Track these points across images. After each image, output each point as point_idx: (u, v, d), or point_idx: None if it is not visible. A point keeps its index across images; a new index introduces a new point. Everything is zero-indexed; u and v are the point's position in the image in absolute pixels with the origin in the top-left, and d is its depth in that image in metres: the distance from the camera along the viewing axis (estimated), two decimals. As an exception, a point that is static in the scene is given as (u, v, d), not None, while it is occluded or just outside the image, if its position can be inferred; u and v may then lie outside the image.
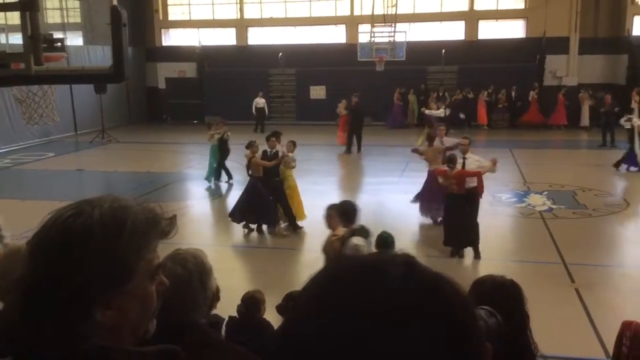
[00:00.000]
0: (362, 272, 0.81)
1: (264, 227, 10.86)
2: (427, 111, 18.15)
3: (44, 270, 1.09)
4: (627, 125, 15.54)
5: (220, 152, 14.48)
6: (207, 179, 14.67)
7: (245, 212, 10.65)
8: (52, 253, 1.10)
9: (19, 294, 1.10)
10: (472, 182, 9.19)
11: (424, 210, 11.20)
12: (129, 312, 1.15)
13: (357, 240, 5.93)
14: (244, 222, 10.74)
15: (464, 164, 9.22)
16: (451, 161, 9.16)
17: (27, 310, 1.08)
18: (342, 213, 6.33)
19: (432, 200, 10.72)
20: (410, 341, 0.74)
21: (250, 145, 10.92)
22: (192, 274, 1.97)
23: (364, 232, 6.13)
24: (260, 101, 24.13)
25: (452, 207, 9.23)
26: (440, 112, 16.91)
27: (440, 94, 24.34)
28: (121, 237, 1.12)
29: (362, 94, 20.23)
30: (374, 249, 6.03)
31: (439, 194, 10.02)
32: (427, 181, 11.08)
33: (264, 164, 10.67)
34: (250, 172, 10.90)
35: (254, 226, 10.82)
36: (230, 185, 14.65)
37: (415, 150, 11.83)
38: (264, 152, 10.84)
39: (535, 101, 24.01)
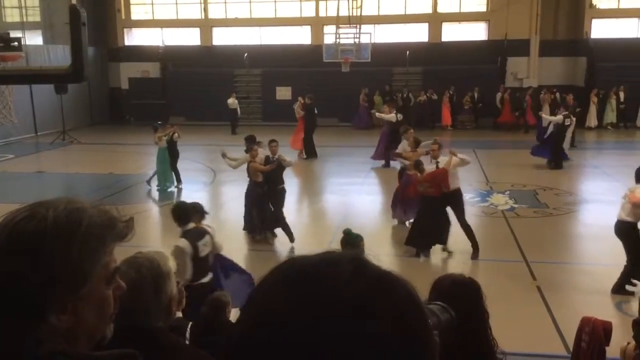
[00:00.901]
0: (311, 272, 0.81)
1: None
2: (377, 114, 17.82)
3: None
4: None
5: (171, 154, 13.94)
6: (162, 186, 13.97)
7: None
8: (3, 256, 1.08)
9: None
10: (453, 185, 9.30)
11: (396, 211, 11.04)
12: (85, 317, 1.13)
13: (180, 242, 6.00)
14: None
15: (437, 167, 9.31)
16: (418, 166, 9.27)
17: None
18: (174, 215, 6.35)
19: (405, 202, 10.64)
20: (359, 339, 0.75)
21: (249, 149, 10.46)
22: (145, 278, 1.95)
23: (194, 234, 6.15)
24: (232, 102, 23.94)
25: (426, 209, 9.29)
26: (392, 116, 16.59)
27: (397, 96, 24.48)
28: (75, 240, 1.10)
29: (329, 94, 20.24)
30: (204, 251, 6.08)
31: (414, 197, 10.04)
32: (403, 184, 10.94)
33: (261, 169, 10.21)
34: (249, 176, 10.46)
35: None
36: (179, 190, 14.23)
37: (398, 155, 11.61)
38: (267, 157, 10.36)
39: (508, 102, 24.44)
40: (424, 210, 9.34)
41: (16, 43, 3.46)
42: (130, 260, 1.98)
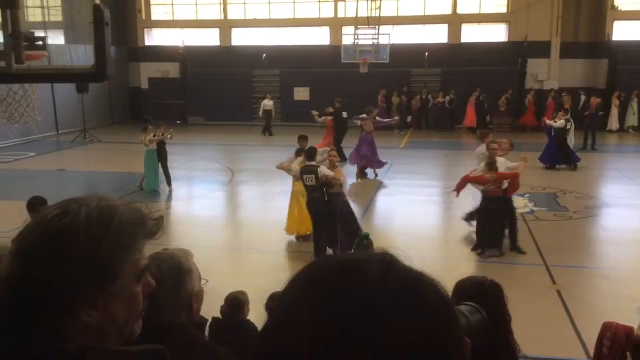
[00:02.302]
0: (341, 271, 0.81)
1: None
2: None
3: (28, 269, 1.08)
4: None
5: (162, 155, 13.68)
6: (150, 187, 13.59)
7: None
8: (36, 252, 1.09)
9: (3, 293, 1.08)
10: (504, 184, 9.38)
11: None
12: (114, 313, 1.14)
13: None
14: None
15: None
16: (491, 166, 9.23)
17: (11, 309, 1.06)
18: (27, 207, 6.52)
19: None
20: (387, 337, 0.74)
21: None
22: (164, 274, 1.97)
23: None
24: (268, 103, 23.87)
25: (489, 209, 9.31)
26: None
27: (423, 97, 24.49)
28: (107, 238, 1.10)
29: (347, 95, 20.16)
30: None
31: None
32: None
33: (333, 180, 9.16)
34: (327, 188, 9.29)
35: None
36: (170, 192, 13.89)
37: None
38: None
39: (532, 104, 24.21)
40: (487, 211, 9.35)
41: (41, 42, 3.47)
42: (152, 257, 2.00)
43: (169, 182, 13.94)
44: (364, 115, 15.78)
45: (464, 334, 0.87)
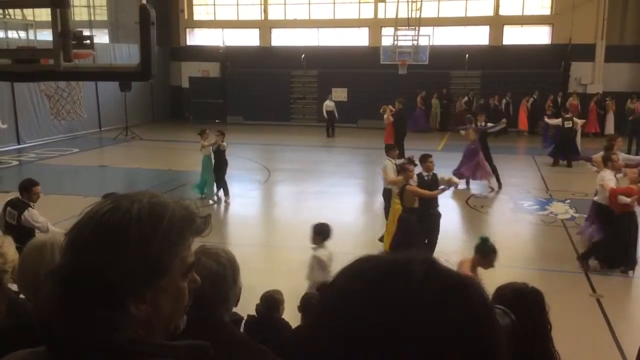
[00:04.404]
0: (384, 272, 0.82)
1: None
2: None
3: (81, 262, 1.11)
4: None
5: (221, 162, 13.26)
6: (199, 191, 13.27)
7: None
8: (89, 246, 1.12)
9: (55, 285, 1.11)
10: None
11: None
12: (161, 308, 1.16)
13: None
14: None
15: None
16: None
17: (63, 301, 1.09)
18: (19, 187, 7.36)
19: None
20: (430, 338, 0.75)
21: (404, 170, 8.82)
22: (227, 269, 1.99)
23: (13, 201, 7.25)
24: (330, 104, 23.77)
25: (626, 224, 8.88)
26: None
27: (470, 99, 24.18)
28: (158, 233, 1.13)
29: (385, 97, 20.09)
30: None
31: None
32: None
33: (425, 193, 8.54)
34: (403, 202, 8.75)
35: None
36: (227, 204, 13.38)
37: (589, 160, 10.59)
38: (419, 175, 8.87)
39: (576, 108, 23.70)
40: (625, 225, 8.86)
41: (88, 41, 3.56)
42: (207, 252, 2.02)
43: (218, 188, 13.39)
44: (467, 126, 14.79)
45: (503, 338, 0.87)
